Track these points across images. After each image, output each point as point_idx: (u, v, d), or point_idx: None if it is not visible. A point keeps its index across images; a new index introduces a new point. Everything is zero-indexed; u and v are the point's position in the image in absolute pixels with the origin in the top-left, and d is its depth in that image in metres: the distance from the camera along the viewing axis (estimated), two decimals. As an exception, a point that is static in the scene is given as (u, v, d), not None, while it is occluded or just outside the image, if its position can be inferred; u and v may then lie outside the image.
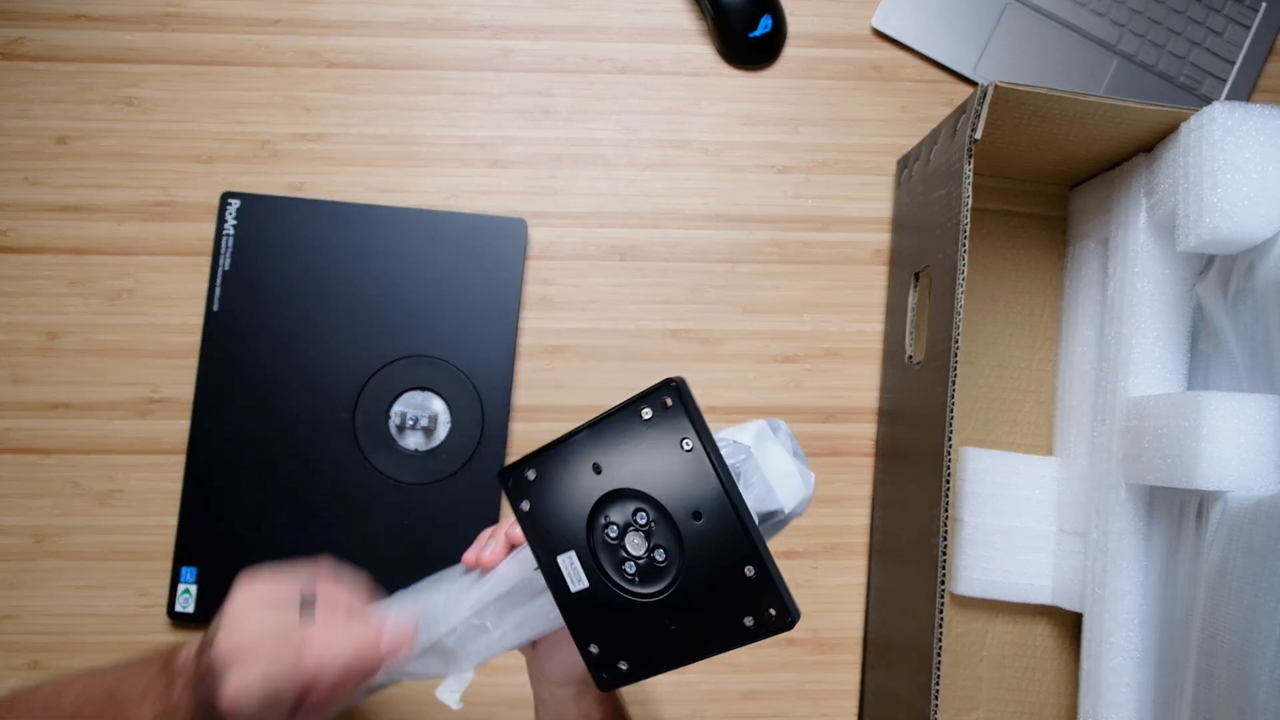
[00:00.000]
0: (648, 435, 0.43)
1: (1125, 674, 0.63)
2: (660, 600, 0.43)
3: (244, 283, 0.72)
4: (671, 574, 0.43)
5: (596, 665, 0.45)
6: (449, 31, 0.76)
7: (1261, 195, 0.57)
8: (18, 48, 0.74)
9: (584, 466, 0.44)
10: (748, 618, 0.41)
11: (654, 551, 0.43)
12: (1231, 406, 0.56)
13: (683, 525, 0.42)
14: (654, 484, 0.43)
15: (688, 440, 0.42)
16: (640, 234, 0.75)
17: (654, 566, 0.43)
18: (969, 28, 0.77)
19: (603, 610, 0.44)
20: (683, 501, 0.42)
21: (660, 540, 0.43)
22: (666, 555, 0.43)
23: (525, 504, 0.46)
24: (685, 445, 0.42)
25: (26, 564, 0.71)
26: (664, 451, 0.42)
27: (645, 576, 0.43)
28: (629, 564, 0.44)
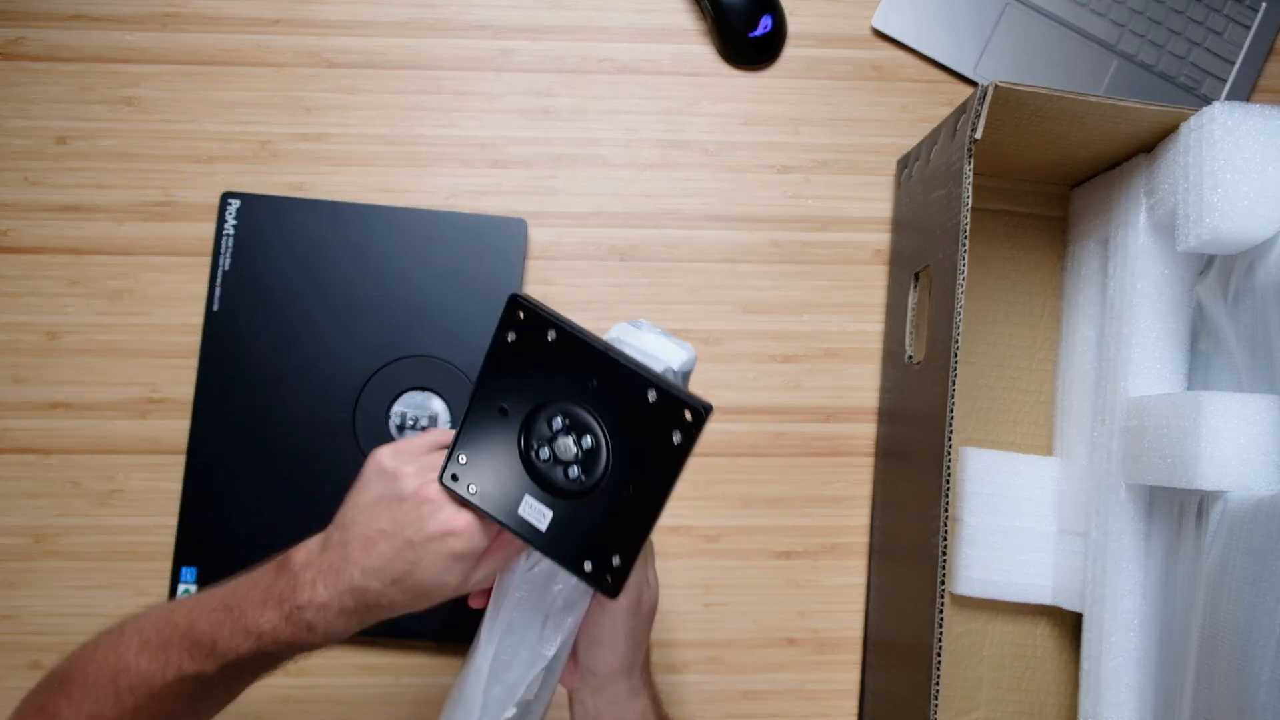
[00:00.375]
0: (520, 353, 0.46)
1: (1125, 674, 0.63)
2: (609, 476, 0.45)
3: (244, 283, 0.72)
4: (604, 446, 0.45)
5: (597, 578, 0.46)
6: (449, 31, 0.76)
7: (1261, 195, 0.57)
8: (18, 48, 0.74)
9: (492, 419, 0.47)
10: (675, 433, 0.43)
11: (582, 439, 0.46)
12: (1231, 406, 0.56)
13: (587, 400, 0.45)
14: (549, 388, 0.46)
15: (550, 332, 0.45)
16: (640, 234, 0.75)
17: (589, 452, 0.46)
18: (969, 28, 0.77)
19: (573, 526, 0.46)
20: (577, 383, 0.45)
21: (581, 425, 0.46)
22: (592, 433, 0.45)
23: (471, 487, 0.47)
24: (550, 337, 0.45)
25: (26, 564, 0.71)
26: (539, 355, 0.45)
27: (588, 465, 0.46)
28: (571, 467, 0.46)
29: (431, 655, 0.72)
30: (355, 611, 0.48)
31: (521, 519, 0.47)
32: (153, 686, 0.50)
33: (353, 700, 0.71)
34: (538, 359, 0.46)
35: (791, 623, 0.74)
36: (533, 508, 0.47)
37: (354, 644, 0.71)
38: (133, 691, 0.50)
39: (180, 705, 0.51)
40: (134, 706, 0.50)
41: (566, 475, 0.46)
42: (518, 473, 0.47)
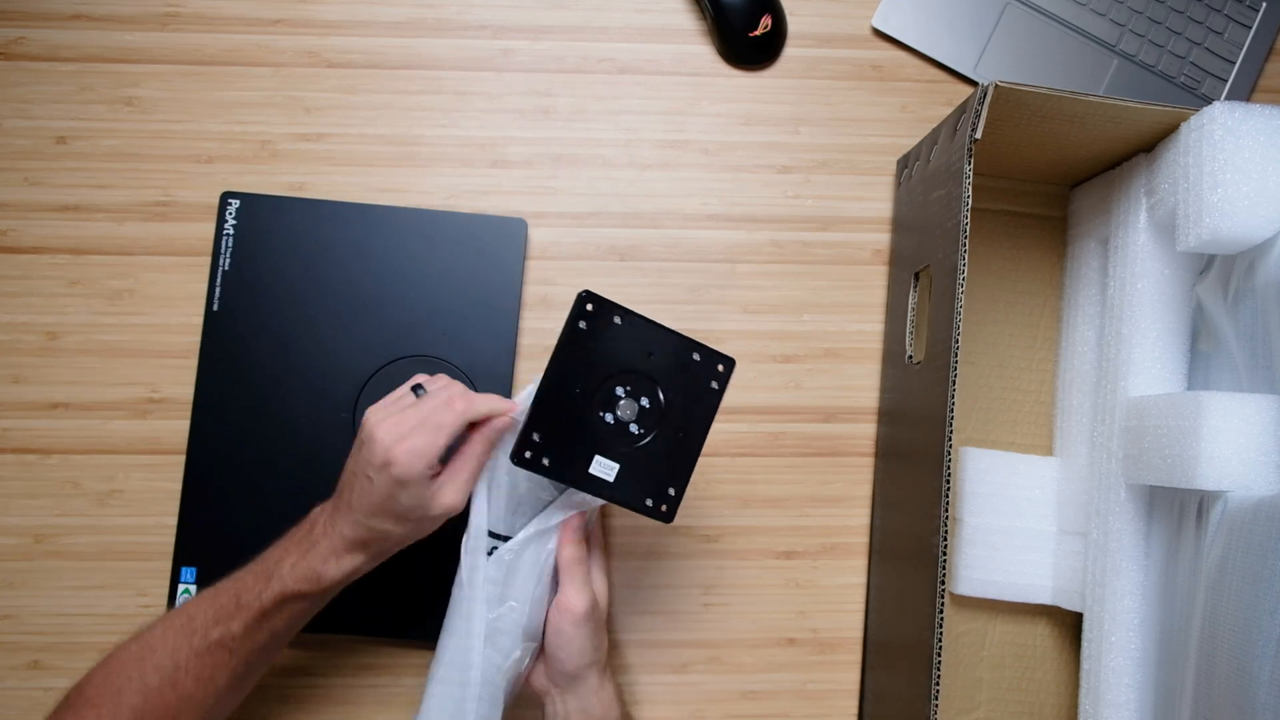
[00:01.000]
0: (590, 338, 0.56)
1: (1125, 674, 0.63)
2: (664, 425, 0.57)
3: (244, 283, 0.72)
4: (661, 403, 0.57)
5: (655, 510, 0.57)
6: (449, 31, 0.76)
7: (1261, 195, 0.57)
8: (18, 48, 0.74)
9: (561, 399, 0.56)
10: (713, 382, 0.57)
11: (641, 401, 0.57)
12: (1231, 406, 0.56)
13: (645, 367, 0.57)
14: (616, 361, 0.57)
15: (617, 318, 0.57)
16: (640, 234, 0.75)
17: (648, 411, 0.57)
18: (969, 28, 0.77)
19: (636, 471, 0.57)
20: (638, 354, 0.57)
21: (640, 390, 0.57)
22: (650, 395, 0.57)
23: (545, 460, 0.56)
24: (617, 321, 0.57)
25: (26, 564, 0.71)
26: (606, 338, 0.57)
27: (645, 423, 0.57)
28: (632, 425, 0.57)
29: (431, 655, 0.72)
30: (358, 543, 0.57)
31: (592, 476, 0.57)
32: (179, 659, 0.55)
33: (353, 700, 0.71)
34: (604, 338, 0.57)
35: (791, 623, 0.74)
36: (602, 465, 0.57)
37: (354, 644, 0.71)
38: (159, 670, 0.55)
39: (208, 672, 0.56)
40: (159, 685, 0.54)
41: (628, 433, 0.57)
42: (588, 439, 0.57)
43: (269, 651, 0.59)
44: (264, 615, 0.56)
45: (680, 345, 0.57)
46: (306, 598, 0.57)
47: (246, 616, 0.56)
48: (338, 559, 0.57)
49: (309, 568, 0.57)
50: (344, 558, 0.57)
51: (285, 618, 0.57)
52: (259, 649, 0.58)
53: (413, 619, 0.70)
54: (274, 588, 0.56)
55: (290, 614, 0.58)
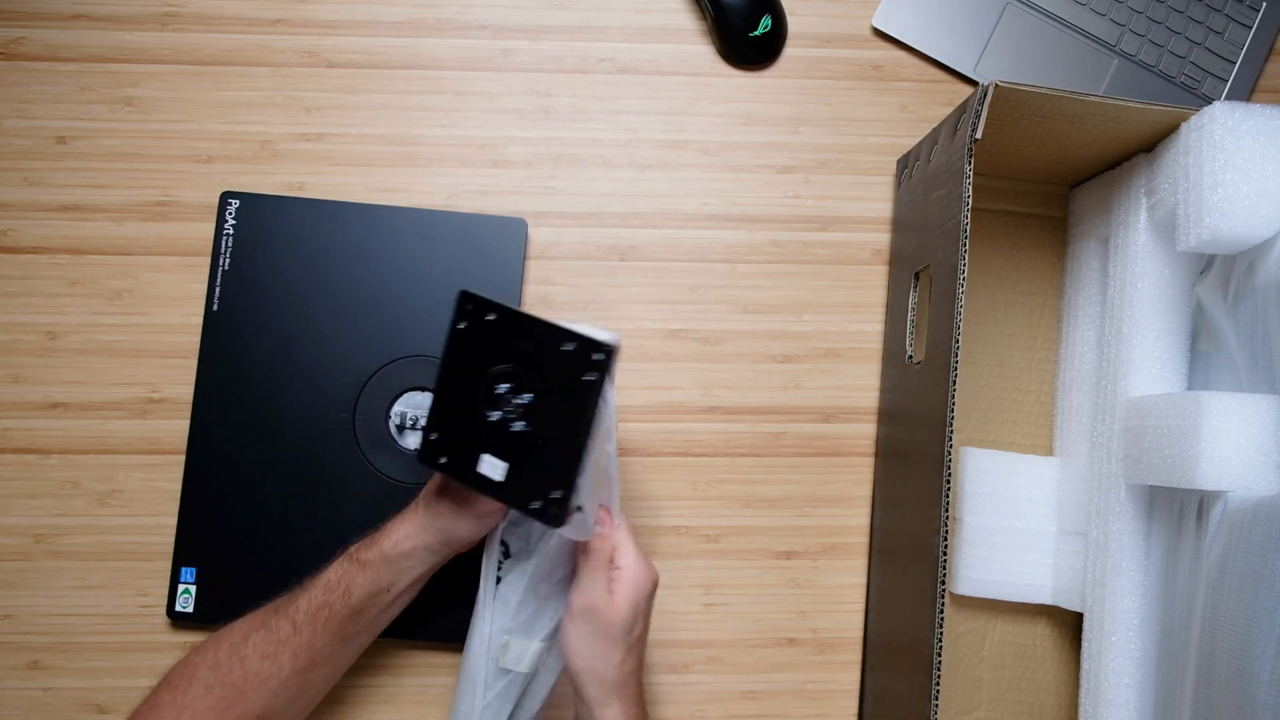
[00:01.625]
0: (470, 338, 0.56)
1: (1125, 674, 0.63)
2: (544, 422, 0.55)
3: (244, 283, 0.72)
4: (540, 399, 0.55)
5: (543, 514, 0.54)
6: (449, 31, 0.76)
7: (1261, 195, 0.57)
8: (18, 48, 0.74)
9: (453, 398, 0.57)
10: (588, 374, 0.53)
11: (521, 395, 0.55)
12: (1231, 406, 0.56)
13: (523, 364, 0.55)
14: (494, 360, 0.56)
15: (492, 314, 0.55)
16: (640, 234, 0.75)
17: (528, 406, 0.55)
18: (969, 28, 0.77)
19: (521, 470, 0.55)
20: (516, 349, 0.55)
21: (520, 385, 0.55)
22: (531, 389, 0.55)
23: (442, 459, 0.57)
24: (491, 318, 0.55)
25: (26, 564, 0.71)
26: (482, 334, 0.56)
27: (529, 418, 0.55)
28: (516, 423, 0.55)
29: (431, 655, 0.72)
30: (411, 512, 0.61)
31: (480, 475, 0.56)
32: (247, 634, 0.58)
33: (353, 700, 0.71)
34: (484, 340, 0.56)
35: (791, 623, 0.74)
36: (489, 464, 0.56)
37: (354, 644, 0.71)
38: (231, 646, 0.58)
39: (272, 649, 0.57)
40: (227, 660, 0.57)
41: (512, 429, 0.55)
42: (476, 438, 0.56)
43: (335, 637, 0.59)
44: (327, 587, 0.58)
45: (553, 336, 0.54)
46: (365, 567, 0.59)
47: (311, 588, 0.59)
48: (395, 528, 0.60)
49: (371, 538, 0.60)
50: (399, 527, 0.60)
51: (343, 592, 0.58)
52: (323, 629, 0.58)
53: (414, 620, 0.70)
54: (337, 556, 0.60)
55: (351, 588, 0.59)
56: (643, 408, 0.74)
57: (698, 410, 0.74)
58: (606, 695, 0.57)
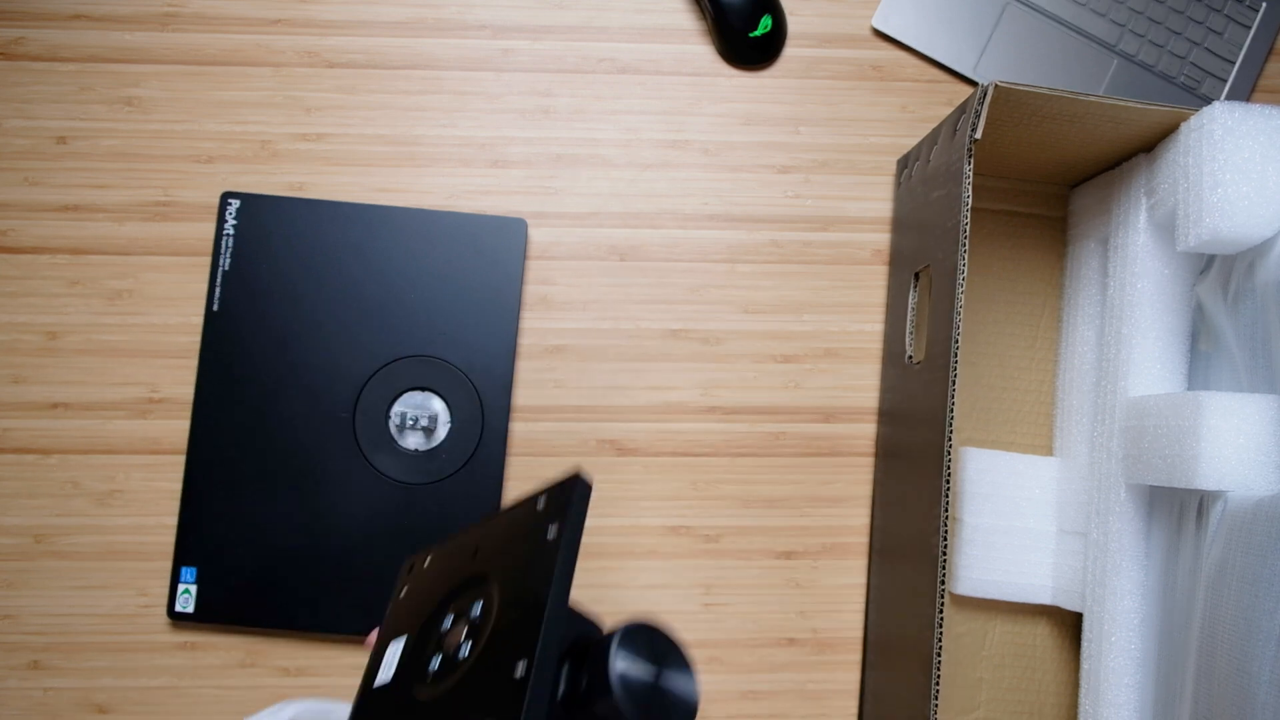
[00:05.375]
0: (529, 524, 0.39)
1: (1125, 674, 0.63)
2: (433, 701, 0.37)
3: (244, 283, 0.72)
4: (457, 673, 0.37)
5: None
6: (449, 31, 0.76)
7: (1261, 195, 0.57)
8: (18, 48, 0.74)
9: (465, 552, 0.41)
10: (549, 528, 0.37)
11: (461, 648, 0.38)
12: (1231, 406, 0.56)
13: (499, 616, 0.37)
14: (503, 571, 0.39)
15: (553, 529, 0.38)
16: (640, 234, 0.75)
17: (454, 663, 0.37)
18: (969, 28, 0.77)
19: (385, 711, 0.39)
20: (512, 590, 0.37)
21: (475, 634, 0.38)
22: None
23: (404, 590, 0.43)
24: (550, 534, 0.38)
25: (26, 564, 0.71)
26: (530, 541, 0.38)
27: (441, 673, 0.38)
28: (436, 658, 0.39)
29: (431, 655, 0.72)
30: None
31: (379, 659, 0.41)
32: None
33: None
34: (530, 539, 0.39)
35: (791, 623, 0.74)
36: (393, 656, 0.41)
37: (354, 644, 0.71)
38: None
39: None
40: None
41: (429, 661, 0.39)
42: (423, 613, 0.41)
43: None
44: None
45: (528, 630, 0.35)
46: None
47: None
48: None
49: None
50: None
51: None
52: None
53: (413, 619, 0.70)
54: None
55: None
56: (643, 408, 0.74)
57: (698, 410, 0.74)
58: None
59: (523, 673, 0.33)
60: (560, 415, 0.74)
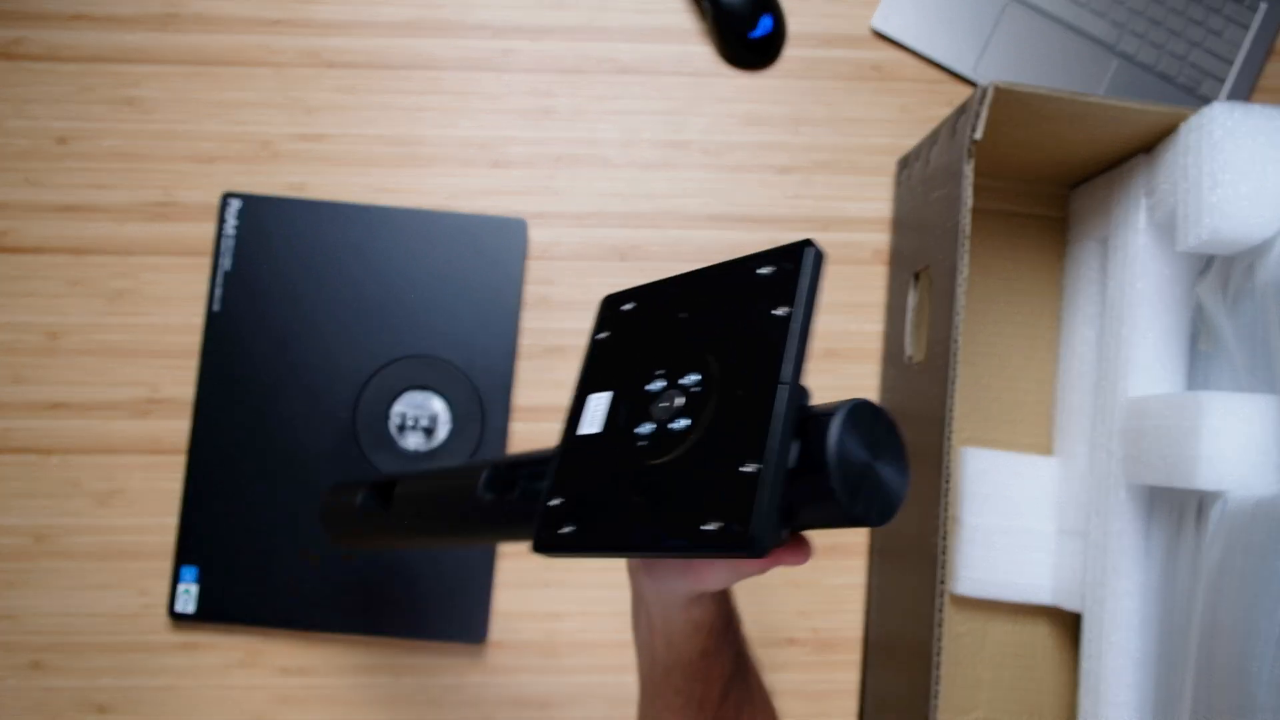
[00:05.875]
0: (753, 292, 0.37)
1: (1125, 674, 0.63)
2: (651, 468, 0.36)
3: (244, 283, 0.72)
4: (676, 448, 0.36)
5: (544, 521, 0.38)
6: (449, 31, 0.76)
7: (1261, 195, 0.57)
8: (18, 48, 0.74)
9: (672, 311, 0.39)
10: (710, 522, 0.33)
11: (678, 419, 0.36)
12: (1231, 406, 0.56)
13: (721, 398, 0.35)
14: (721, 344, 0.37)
15: (782, 309, 0.35)
16: (640, 234, 0.76)
17: (669, 434, 0.36)
18: (969, 28, 0.77)
19: (593, 463, 0.38)
20: (738, 371, 0.35)
21: (694, 408, 0.36)
22: (689, 426, 0.36)
23: (603, 334, 0.41)
24: (777, 313, 0.36)
25: (26, 564, 0.71)
26: (754, 315, 0.36)
27: (655, 443, 0.37)
28: (648, 424, 0.37)
29: (431, 655, 0.72)
30: None
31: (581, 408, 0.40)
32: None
33: (353, 700, 0.71)
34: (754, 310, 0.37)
35: (791, 623, 0.74)
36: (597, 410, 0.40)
37: (354, 644, 0.71)
38: None
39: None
40: None
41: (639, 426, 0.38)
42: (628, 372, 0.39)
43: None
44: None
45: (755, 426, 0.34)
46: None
47: None
48: None
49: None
50: None
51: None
52: None
53: (414, 618, 0.70)
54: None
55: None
56: (643, 408, 0.74)
57: (698, 410, 0.74)
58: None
59: (751, 470, 0.33)
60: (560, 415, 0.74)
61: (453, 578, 0.70)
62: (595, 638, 0.73)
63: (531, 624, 0.72)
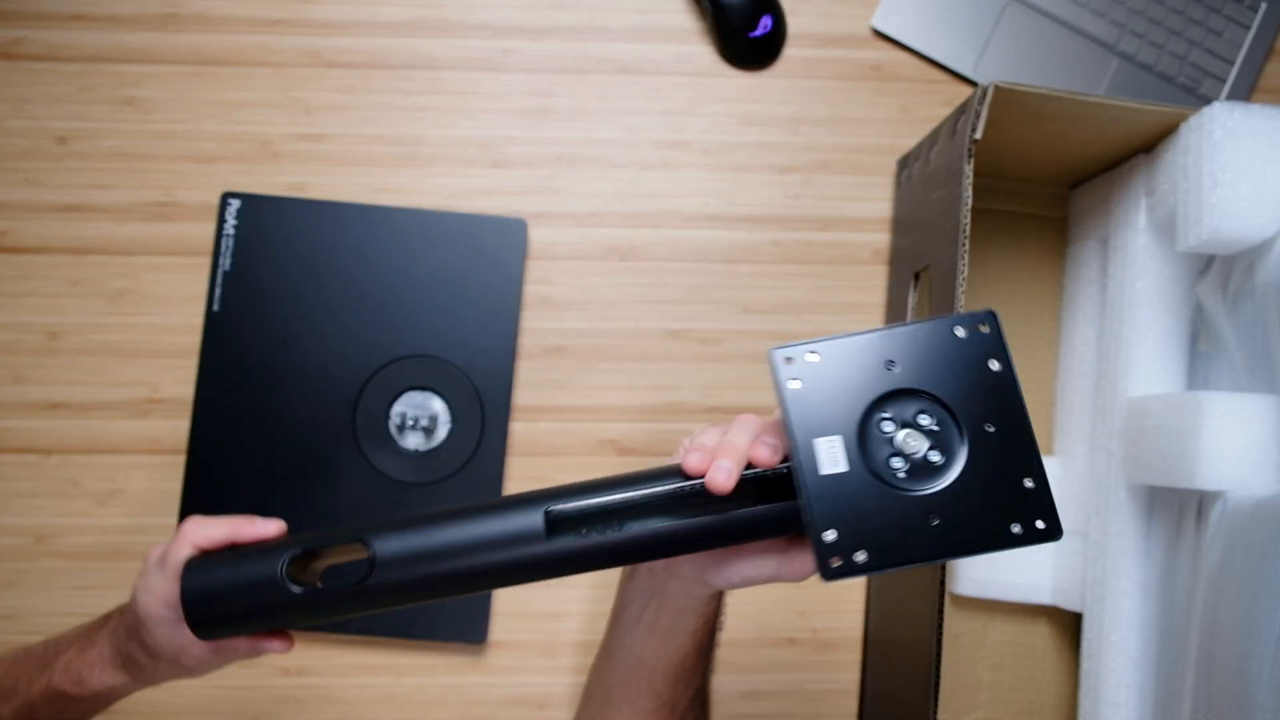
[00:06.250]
0: (956, 350, 0.45)
1: (1125, 674, 0.63)
2: (928, 496, 0.44)
3: (244, 283, 0.72)
4: (946, 475, 0.44)
5: (828, 552, 0.43)
6: (449, 31, 0.76)
7: (1261, 195, 0.57)
8: (18, 48, 0.74)
9: (874, 361, 0.45)
10: (1015, 525, 0.44)
11: (931, 452, 0.44)
12: (1231, 406, 0.56)
13: (972, 433, 0.44)
14: (951, 391, 0.45)
15: (995, 363, 0.45)
16: (640, 234, 0.76)
17: (927, 465, 0.44)
18: (969, 28, 0.77)
19: (854, 497, 0.43)
20: (978, 412, 0.45)
21: (941, 442, 0.44)
22: (943, 458, 0.44)
23: (795, 383, 0.46)
24: (993, 366, 0.45)
25: (26, 564, 0.71)
26: (969, 367, 0.45)
27: (915, 474, 0.44)
28: (897, 459, 0.44)
29: (431, 655, 0.72)
30: (120, 659, 0.50)
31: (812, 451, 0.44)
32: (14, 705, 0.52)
33: (353, 700, 0.71)
34: (966, 364, 0.45)
35: (791, 623, 0.74)
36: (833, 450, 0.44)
37: (354, 644, 0.71)
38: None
39: None
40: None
41: (888, 461, 0.44)
42: (850, 415, 0.44)
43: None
44: (32, 707, 0.52)
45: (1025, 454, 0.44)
46: (72, 700, 0.51)
47: (16, 704, 0.52)
48: (102, 669, 0.51)
49: (77, 669, 0.51)
50: (107, 670, 0.51)
51: (53, 712, 0.52)
52: None
53: (413, 619, 0.70)
54: (42, 680, 0.51)
55: (59, 710, 0.52)
56: (643, 408, 0.74)
57: (698, 410, 0.74)
58: None
59: (1033, 485, 0.44)
60: (560, 415, 0.74)
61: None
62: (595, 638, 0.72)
63: (531, 624, 0.72)
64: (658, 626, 0.50)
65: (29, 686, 0.51)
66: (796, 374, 0.46)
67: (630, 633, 0.51)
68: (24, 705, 0.51)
